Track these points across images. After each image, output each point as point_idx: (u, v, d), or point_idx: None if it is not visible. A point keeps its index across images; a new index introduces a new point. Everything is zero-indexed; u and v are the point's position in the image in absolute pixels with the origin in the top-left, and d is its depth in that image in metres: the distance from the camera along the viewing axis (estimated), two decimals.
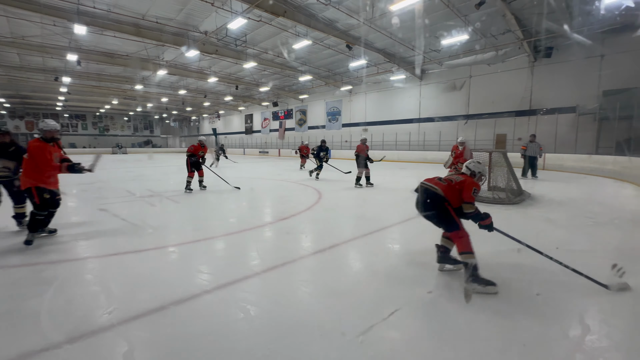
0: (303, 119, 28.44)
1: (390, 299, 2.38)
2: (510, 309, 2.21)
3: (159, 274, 2.85)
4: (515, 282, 2.63)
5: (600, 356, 1.73)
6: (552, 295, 2.41)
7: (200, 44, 14.41)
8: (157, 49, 15.87)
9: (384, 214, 5.25)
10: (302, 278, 2.81)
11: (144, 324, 2.05)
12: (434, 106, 18.68)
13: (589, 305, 2.29)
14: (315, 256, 3.30)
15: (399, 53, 16.42)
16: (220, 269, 2.98)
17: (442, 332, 1.96)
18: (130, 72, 20.57)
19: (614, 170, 9.67)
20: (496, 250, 3.42)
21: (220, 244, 3.76)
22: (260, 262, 3.11)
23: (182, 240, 3.84)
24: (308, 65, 18.79)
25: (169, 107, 36.07)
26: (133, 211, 5.53)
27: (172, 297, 2.36)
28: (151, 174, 12.26)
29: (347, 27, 13.16)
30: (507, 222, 4.62)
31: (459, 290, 2.48)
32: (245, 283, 2.64)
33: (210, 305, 2.29)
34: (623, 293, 2.40)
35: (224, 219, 5.08)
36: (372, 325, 2.00)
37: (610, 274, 2.51)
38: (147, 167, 16.16)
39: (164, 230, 4.35)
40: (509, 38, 13.35)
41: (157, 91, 26.26)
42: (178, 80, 23.24)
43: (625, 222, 4.61)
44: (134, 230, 4.31)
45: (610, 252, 3.35)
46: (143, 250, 3.47)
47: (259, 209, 5.93)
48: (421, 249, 3.55)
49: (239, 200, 6.63)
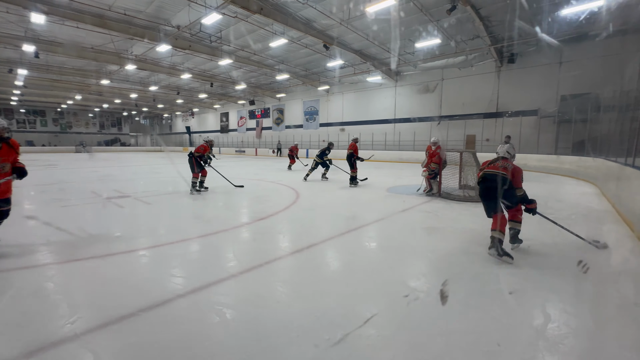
0: (280, 118, 28.21)
1: (368, 298, 2.41)
2: (485, 304, 2.32)
3: (128, 279, 2.71)
4: (485, 276, 2.76)
5: (560, 343, 1.86)
6: (522, 289, 2.55)
7: (172, 38, 13.86)
8: (125, 42, 15.07)
9: (361, 213, 5.32)
10: (280, 279, 2.78)
11: (111, 333, 1.93)
12: (408, 107, 19.22)
13: (555, 300, 2.45)
14: (293, 256, 3.28)
15: (375, 54, 16.72)
16: (194, 272, 2.88)
17: (419, 327, 2.01)
18: (96, 66, 19.39)
19: (571, 170, 10.43)
20: (465, 247, 3.57)
21: (194, 246, 3.63)
22: (237, 264, 3.05)
23: (153, 243, 3.68)
24: (285, 64, 18.65)
25: (138, 104, 34.39)
26: (99, 213, 5.22)
27: (142, 303, 2.24)
28: (119, 174, 11.63)
29: (324, 27, 13.20)
30: (477, 218, 4.83)
31: (436, 288, 2.57)
32: (221, 286, 2.57)
33: (184, 310, 2.21)
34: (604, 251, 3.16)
35: (199, 220, 4.92)
36: (350, 324, 2.02)
37: (577, 269, 2.73)
38: (114, 166, 15.32)
39: (133, 233, 4.14)
40: (478, 43, 14.00)
41: (126, 87, 24.97)
42: (149, 75, 22.20)
43: (581, 217, 4.99)
44: (100, 233, 4.06)
45: (569, 245, 3.60)
46: (110, 254, 3.27)
47: (236, 210, 5.80)
48: (398, 245, 3.63)
49: (215, 201, 6.45)
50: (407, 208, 5.56)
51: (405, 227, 4.49)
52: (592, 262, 3.04)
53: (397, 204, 5.86)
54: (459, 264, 3.06)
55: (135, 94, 27.37)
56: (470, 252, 3.37)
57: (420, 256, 3.32)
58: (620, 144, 5.97)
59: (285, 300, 2.37)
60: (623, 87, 6.49)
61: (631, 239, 3.80)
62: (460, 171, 7.04)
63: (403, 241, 3.83)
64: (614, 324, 2.11)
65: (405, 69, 18.60)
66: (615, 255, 3.39)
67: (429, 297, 2.37)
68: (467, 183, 6.94)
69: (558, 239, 3.75)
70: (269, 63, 18.54)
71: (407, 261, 3.17)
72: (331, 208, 5.77)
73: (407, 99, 19.30)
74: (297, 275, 2.87)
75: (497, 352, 1.77)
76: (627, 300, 2.40)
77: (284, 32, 13.29)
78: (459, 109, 16.99)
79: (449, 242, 3.76)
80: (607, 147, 7.50)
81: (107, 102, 33.32)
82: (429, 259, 3.24)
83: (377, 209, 5.61)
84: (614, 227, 4.37)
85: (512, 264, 2.96)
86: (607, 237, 3.91)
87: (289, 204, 5.93)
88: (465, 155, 6.91)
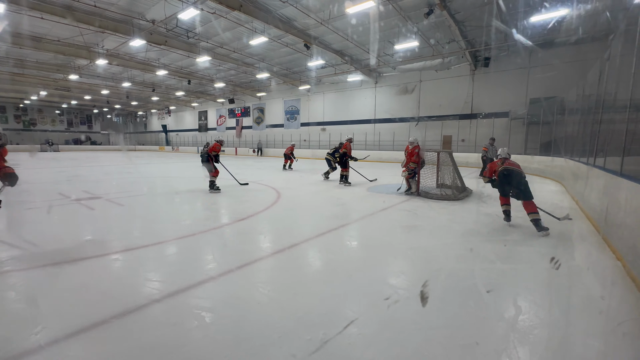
0: (261, 117, 27.85)
1: (349, 297, 2.43)
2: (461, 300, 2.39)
3: (99, 285, 2.57)
4: (461, 272, 2.85)
5: (530, 333, 1.95)
6: (496, 284, 2.66)
7: (147, 33, 13.31)
8: (95, 36, 14.30)
9: (342, 212, 5.35)
10: (260, 280, 2.74)
11: (80, 342, 1.83)
12: (388, 107, 19.55)
13: (527, 294, 2.57)
14: (274, 257, 3.24)
15: (355, 55, 16.87)
16: (171, 275, 2.78)
17: (399, 325, 2.05)
18: (63, 60, 18.29)
19: (539, 169, 11.03)
20: (442, 244, 3.68)
21: (171, 249, 3.51)
22: (217, 266, 2.97)
23: (127, 246, 3.51)
24: (266, 62, 18.41)
25: (110, 101, 32.77)
26: (66, 216, 4.93)
27: (115, 310, 2.14)
28: (89, 174, 11.04)
29: (305, 27, 13.15)
30: (453, 216, 5.01)
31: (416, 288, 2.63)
32: (199, 289, 2.50)
33: (160, 315, 2.13)
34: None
35: (176, 222, 4.76)
36: (331, 324, 2.02)
37: (550, 265, 2.88)
38: (84, 166, 14.54)
39: (105, 236, 3.95)
40: (454, 47, 14.47)
41: (97, 82, 23.72)
42: (122, 71, 21.21)
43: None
44: (68, 237, 3.84)
45: (537, 240, 3.80)
46: (79, 259, 3.10)
47: (215, 210, 5.67)
48: (378, 244, 3.68)
49: (193, 202, 6.27)
50: (387, 207, 5.65)
51: (385, 226, 4.57)
52: (562, 258, 3.22)
53: (377, 204, 5.95)
54: (437, 260, 3.15)
55: (107, 90, 26.05)
56: (447, 248, 3.48)
57: (400, 254, 3.39)
58: (583, 144, 6.37)
59: (266, 301, 2.34)
60: (585, 92, 6.92)
61: (594, 235, 4.06)
62: (437, 170, 7.25)
63: (383, 240, 3.89)
64: (582, 315, 2.24)
65: (384, 70, 18.91)
66: (580, 250, 3.62)
67: (409, 295, 2.42)
68: (444, 182, 7.16)
69: (532, 236, 3.95)
70: (249, 61, 18.24)
71: (388, 260, 3.23)
72: (312, 208, 5.77)
73: (387, 99, 19.64)
74: (278, 276, 2.84)
75: (473, 345, 1.83)
76: (594, 293, 2.57)
77: (264, 30, 13.12)
78: (436, 110, 17.49)
79: (427, 239, 3.87)
80: (572, 148, 7.98)
81: (75, 98, 31.50)
82: (409, 256, 3.31)
83: (358, 208, 5.67)
84: (577, 223, 4.65)
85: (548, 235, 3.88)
86: (572, 233, 4.17)
87: (270, 204, 5.87)
88: (442, 155, 7.13)
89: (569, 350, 1.87)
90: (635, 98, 3.35)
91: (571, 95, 9.09)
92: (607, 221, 3.67)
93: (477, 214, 5.26)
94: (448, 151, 7.22)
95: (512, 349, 1.80)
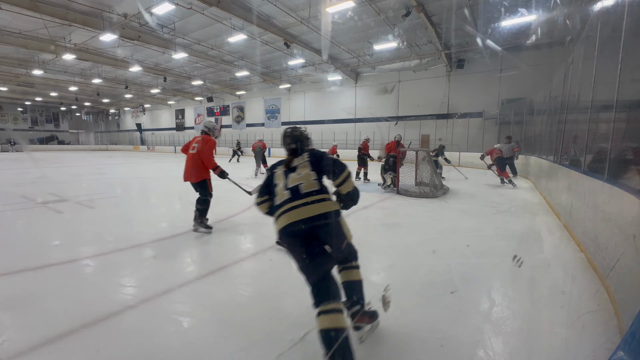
0: (241, 115, 27.39)
1: None
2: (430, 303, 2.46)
3: (68, 292, 2.43)
4: (439, 267, 2.94)
5: (502, 324, 2.04)
6: (470, 278, 2.76)
7: (119, 27, 12.72)
8: (62, 29, 13.49)
9: None
10: (241, 282, 2.69)
11: (46, 354, 1.72)
12: (368, 107, 19.78)
13: (499, 286, 2.69)
14: (255, 258, 3.20)
15: (335, 54, 16.94)
16: (147, 280, 2.68)
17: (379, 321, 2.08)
18: (26, 54, 17.12)
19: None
20: (421, 240, 3.78)
21: (147, 252, 3.38)
22: (195, 269, 2.90)
23: (99, 250, 3.35)
24: (245, 60, 18.10)
25: (79, 98, 31.06)
26: (31, 220, 4.63)
27: (86, 319, 2.03)
28: (56, 175, 10.43)
29: (284, 25, 13.05)
30: (432, 213, 5.15)
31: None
32: (177, 293, 2.42)
33: (135, 322, 2.04)
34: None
35: (152, 224, 4.59)
36: (312, 323, 2.02)
37: (511, 263, 3.01)
38: (50, 167, 13.71)
39: (75, 240, 3.74)
40: (430, 49, 14.87)
41: (64, 78, 22.39)
42: (91, 67, 20.15)
43: (519, 209, 5.54)
44: (33, 242, 3.61)
45: (510, 235, 3.98)
46: (46, 266, 2.91)
47: (192, 211, 5.50)
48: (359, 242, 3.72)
49: (169, 203, 6.07)
50: (367, 205, 5.72)
51: (365, 224, 4.62)
52: (525, 252, 3.39)
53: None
54: (416, 256, 3.23)
55: (76, 86, 24.68)
56: (425, 245, 3.57)
57: (381, 252, 3.44)
58: (550, 143, 6.74)
59: (248, 303, 2.31)
60: (551, 93, 7.33)
61: (559, 228, 4.31)
62: (416, 169, 7.43)
63: (364, 238, 3.92)
64: (547, 308, 2.37)
65: (364, 70, 19.12)
66: (546, 243, 3.82)
67: (388, 292, 2.45)
68: (422, 180, 7.34)
69: (505, 231, 4.13)
70: (228, 59, 17.87)
71: (369, 257, 3.27)
72: None
73: (367, 99, 19.87)
74: (259, 277, 2.81)
75: (450, 338, 1.89)
76: (556, 285, 2.72)
77: (243, 28, 12.90)
78: (414, 109, 17.90)
79: (406, 237, 3.95)
80: (540, 146, 8.42)
81: (40, 94, 29.61)
82: (389, 254, 3.37)
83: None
84: (545, 217, 4.92)
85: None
86: (539, 227, 4.40)
87: (251, 204, 5.78)
88: (420, 154, 7.31)
89: (536, 339, 1.97)
90: (596, 99, 3.59)
91: (539, 96, 9.58)
92: (571, 216, 3.90)
93: (453, 210, 5.44)
94: (426, 150, 7.42)
95: (487, 340, 1.88)
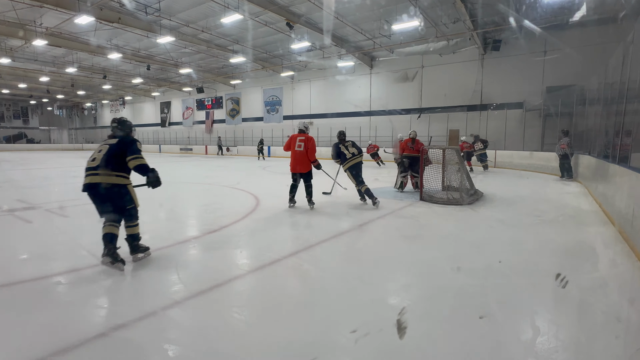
0: (236, 108, 27.69)
1: (341, 321, 2.43)
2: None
3: (37, 315, 2.48)
4: (471, 288, 2.90)
5: (549, 357, 2.00)
6: (509, 301, 2.72)
7: (96, 8, 13.05)
8: (32, 11, 13.91)
9: (333, 221, 5.37)
10: (235, 303, 2.71)
11: None
12: (385, 98, 19.72)
13: (543, 312, 2.64)
14: (252, 275, 3.22)
15: (347, 36, 17.00)
16: (127, 300, 2.72)
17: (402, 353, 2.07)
18: None
19: (557, 167, 11.35)
20: (449, 256, 3.74)
21: (127, 268, 3.42)
22: (183, 288, 2.93)
23: (72, 266, 3.41)
24: (241, 44, 18.33)
25: (51, 90, 31.90)
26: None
27: (56, 346, 2.07)
28: (24, 179, 10.70)
29: (287, 2, 13.18)
30: (462, 223, 5.10)
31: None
32: (160, 316, 2.45)
33: (114, 350, 2.07)
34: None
35: None
36: (321, 354, 2.02)
37: (555, 283, 2.95)
38: (18, 169, 14.08)
39: (45, 254, 3.83)
40: (460, 28, 14.76)
41: (34, 68, 23.03)
42: (65, 54, 20.70)
43: (568, 218, 5.44)
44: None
45: (556, 250, 3.91)
46: (12, 284, 2.99)
47: (181, 221, 5.59)
48: (375, 258, 3.71)
49: (154, 211, 6.15)
50: (384, 214, 5.70)
51: (382, 235, 4.60)
52: (575, 270, 3.32)
53: (373, 209, 5.99)
54: (442, 275, 3.20)
55: (47, 77, 25.35)
56: (453, 261, 3.53)
57: (400, 269, 3.42)
58: (606, 139, 6.61)
59: (243, 329, 2.32)
60: (607, 79, 7.20)
61: (617, 241, 4.20)
62: (443, 170, 7.37)
63: (380, 253, 3.92)
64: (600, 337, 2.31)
65: (381, 54, 19.12)
66: (600, 260, 3.74)
67: (413, 317, 2.43)
68: (450, 184, 7.27)
69: (532, 253, 4.06)
70: (221, 43, 18.12)
71: (386, 275, 3.25)
72: (296, 217, 5.76)
73: (384, 88, 19.85)
74: (257, 299, 2.82)
75: None
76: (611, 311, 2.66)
77: (239, 7, 13.08)
78: (440, 100, 17.78)
79: (431, 251, 3.92)
80: (593, 143, 8.27)
81: (7, 86, 30.50)
82: (410, 271, 3.35)
83: (351, 215, 5.69)
84: (599, 228, 4.81)
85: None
86: (592, 240, 4.31)
87: (247, 212, 5.83)
88: (448, 153, 7.25)
89: None
90: None
91: (592, 83, 9.42)
92: (633, 226, 3.81)
93: (487, 219, 5.37)
94: (455, 148, 7.36)
95: None
